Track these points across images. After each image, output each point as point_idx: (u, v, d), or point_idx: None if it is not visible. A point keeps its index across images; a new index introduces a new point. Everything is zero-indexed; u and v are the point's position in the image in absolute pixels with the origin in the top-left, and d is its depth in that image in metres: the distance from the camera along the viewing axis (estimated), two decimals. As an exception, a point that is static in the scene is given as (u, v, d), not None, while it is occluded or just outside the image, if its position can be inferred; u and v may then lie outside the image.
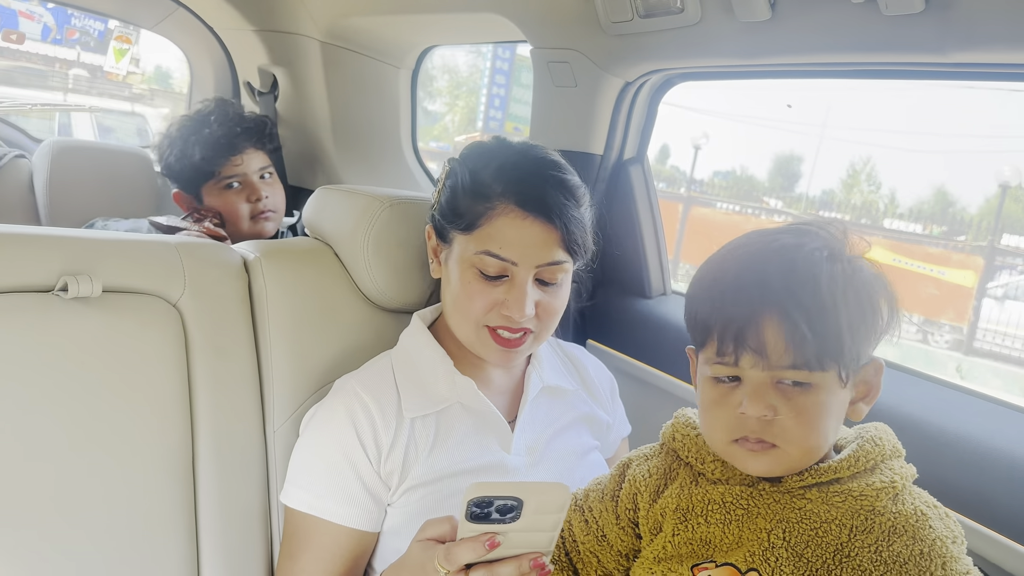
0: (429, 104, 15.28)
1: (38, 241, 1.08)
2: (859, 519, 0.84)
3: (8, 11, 8.16)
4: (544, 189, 1.06)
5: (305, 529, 1.08)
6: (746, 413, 0.83)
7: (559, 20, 1.55)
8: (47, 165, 1.99)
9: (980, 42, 1.03)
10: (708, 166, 18.30)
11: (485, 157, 1.11)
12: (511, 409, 1.18)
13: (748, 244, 0.87)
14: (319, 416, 1.12)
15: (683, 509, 0.90)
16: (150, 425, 1.11)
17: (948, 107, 15.27)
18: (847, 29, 1.15)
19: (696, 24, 1.31)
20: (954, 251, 10.99)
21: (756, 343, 0.81)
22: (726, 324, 0.82)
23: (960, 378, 8.38)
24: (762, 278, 0.82)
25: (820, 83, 2.68)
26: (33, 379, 1.03)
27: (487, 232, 1.06)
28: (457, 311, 1.11)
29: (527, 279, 1.06)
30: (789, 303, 0.80)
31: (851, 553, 0.82)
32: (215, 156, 1.83)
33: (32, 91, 9.16)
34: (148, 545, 1.09)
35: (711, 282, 0.86)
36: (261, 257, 1.26)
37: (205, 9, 2.32)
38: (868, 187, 15.57)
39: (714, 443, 0.89)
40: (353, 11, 2.01)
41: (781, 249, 0.84)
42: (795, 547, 0.83)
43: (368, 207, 1.26)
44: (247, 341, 1.22)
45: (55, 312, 1.06)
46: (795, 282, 0.80)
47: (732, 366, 0.83)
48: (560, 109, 1.64)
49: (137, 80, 10.33)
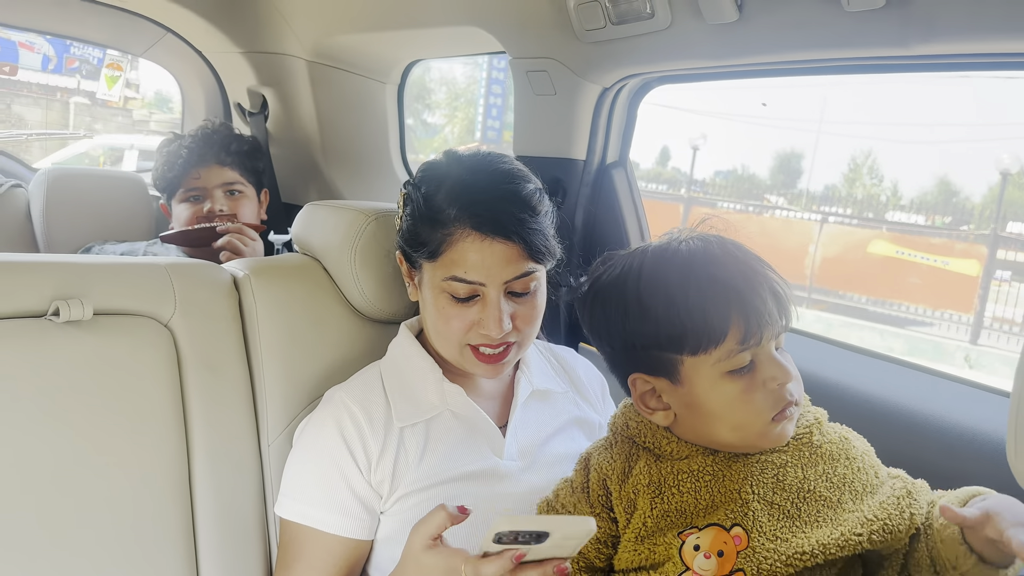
0: (428, 116, 15.33)
1: (30, 267, 1.11)
2: (804, 456, 0.94)
3: (8, 43, 8.25)
4: (498, 208, 1.05)
5: (299, 539, 1.10)
6: (781, 381, 0.91)
7: (535, 30, 1.57)
8: (43, 193, 2.01)
9: (940, 34, 1.05)
10: (709, 166, 18.29)
11: (437, 180, 1.10)
12: (502, 414, 1.20)
13: (675, 259, 0.95)
14: (309, 428, 1.14)
15: (655, 483, 0.95)
16: (145, 444, 1.12)
17: (945, 97, 15.27)
18: (812, 27, 1.17)
19: (667, 28, 1.33)
20: (957, 240, 10.96)
21: (772, 317, 0.90)
22: (744, 312, 0.89)
23: (968, 367, 8.35)
24: (750, 261, 0.94)
25: (815, 79, 2.69)
26: (28, 403, 1.05)
27: (450, 258, 1.06)
28: (437, 334, 1.13)
29: (498, 296, 1.07)
30: (774, 275, 0.93)
31: (810, 487, 0.92)
32: (178, 170, 1.92)
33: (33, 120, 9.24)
34: (147, 563, 1.10)
35: (703, 289, 0.91)
36: (251, 275, 1.28)
37: (193, 33, 2.35)
38: (870, 180, 15.55)
39: (754, 431, 0.93)
40: (337, 29, 2.04)
41: (723, 241, 0.97)
42: (765, 496, 0.91)
43: (354, 221, 1.29)
44: (239, 358, 1.24)
45: (48, 336, 1.08)
46: (754, 259, 0.95)
47: (755, 347, 0.90)
48: (541, 117, 1.66)
49: (137, 105, 10.41)
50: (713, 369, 0.91)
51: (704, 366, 0.91)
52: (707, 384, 0.92)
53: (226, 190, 1.94)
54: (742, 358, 0.90)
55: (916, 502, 0.92)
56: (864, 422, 1.03)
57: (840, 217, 11.99)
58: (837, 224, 11.73)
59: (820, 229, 11.38)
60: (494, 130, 14.05)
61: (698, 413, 0.94)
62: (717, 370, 0.91)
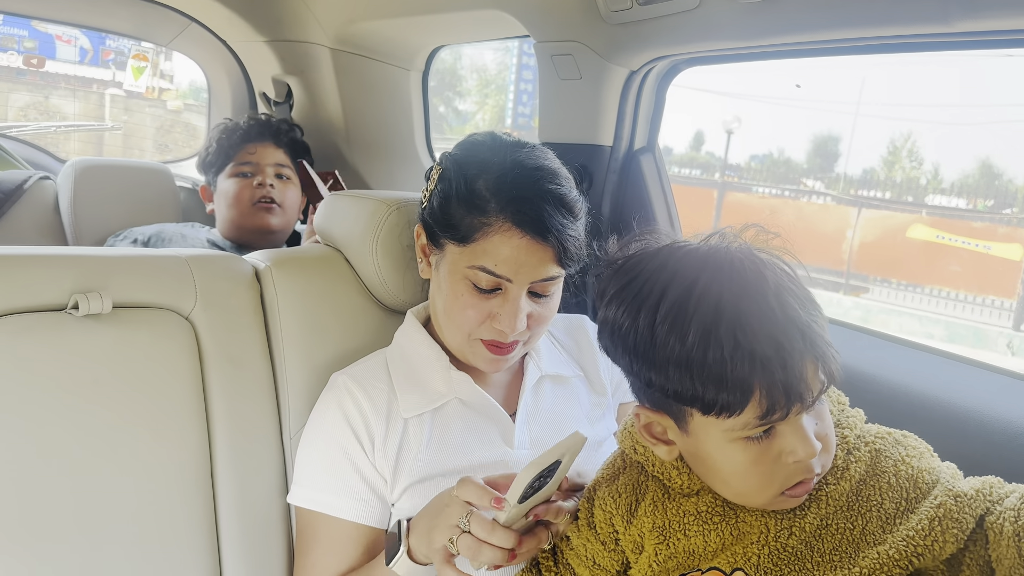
0: (459, 104, 15.33)
1: (48, 261, 1.10)
2: (822, 492, 0.83)
3: (46, 36, 8.39)
4: (542, 208, 1.02)
5: (313, 525, 1.09)
6: (801, 460, 0.78)
7: (560, 13, 1.54)
8: (71, 185, 2.02)
9: (982, 9, 0.99)
10: (744, 150, 18.07)
11: (480, 164, 1.07)
12: (510, 401, 1.17)
13: (700, 302, 0.77)
14: (314, 414, 1.14)
15: (660, 527, 0.88)
16: (167, 437, 1.12)
17: (989, 77, 14.89)
18: (847, 4, 1.12)
19: (696, 8, 1.29)
20: (1000, 224, 10.72)
21: (805, 391, 0.76)
22: (770, 386, 0.75)
23: (1011, 354, 8.16)
24: (787, 322, 0.76)
25: (853, 58, 2.63)
26: (50, 397, 1.05)
27: (482, 247, 1.04)
28: (449, 320, 1.10)
29: (520, 294, 1.05)
30: (819, 340, 0.77)
31: (829, 524, 0.81)
32: (233, 142, 1.97)
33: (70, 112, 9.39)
34: (170, 557, 1.10)
35: (725, 351, 0.75)
36: (272, 266, 1.27)
37: (217, 23, 2.35)
38: (910, 163, 15.26)
39: (757, 500, 0.82)
40: (359, 16, 2.02)
41: (762, 283, 0.77)
42: (778, 538, 0.82)
43: (376, 211, 1.27)
44: (261, 350, 1.23)
45: (68, 330, 1.08)
46: (808, 316, 0.77)
47: (781, 421, 0.77)
48: (567, 102, 1.63)
49: (172, 96, 10.52)
50: (724, 434, 0.79)
51: (714, 428, 0.80)
52: (715, 445, 0.81)
53: (276, 171, 1.98)
54: (759, 429, 0.78)
55: (959, 521, 0.78)
56: (898, 416, 0.98)
57: (879, 202, 11.78)
58: (875, 208, 11.53)
59: (858, 213, 11.19)
60: (524, 116, 13.99)
61: (703, 466, 0.85)
62: (728, 436, 0.79)
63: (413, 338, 1.17)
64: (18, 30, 7.74)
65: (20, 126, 2.97)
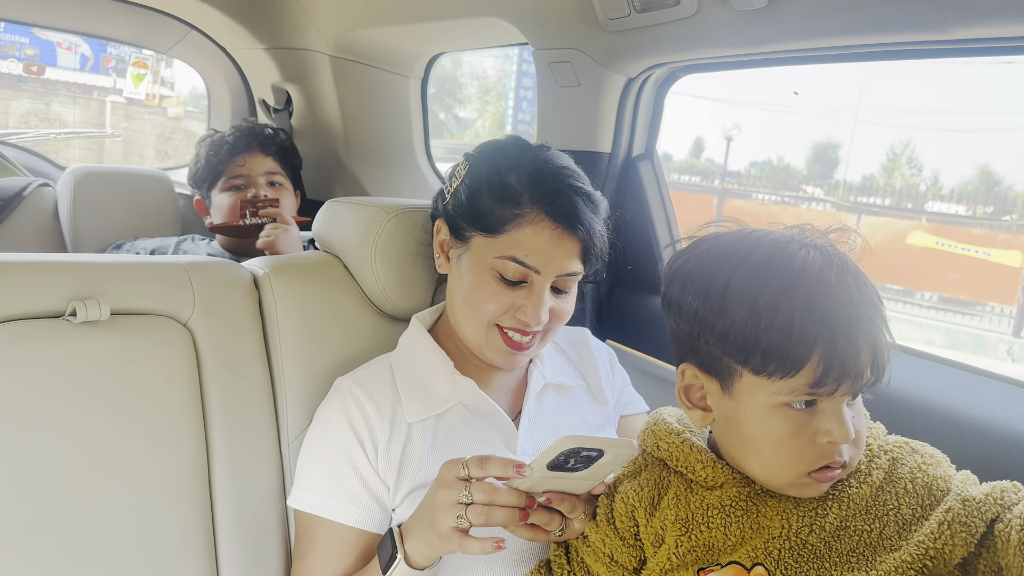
0: (460, 110, 15.35)
1: (46, 268, 1.10)
2: (844, 494, 0.85)
3: (47, 44, 8.41)
4: (575, 201, 1.06)
5: (311, 529, 1.09)
6: (835, 442, 0.81)
7: (558, 20, 1.54)
8: (70, 192, 2.03)
9: (978, 17, 1.00)
10: (744, 157, 18.09)
11: (508, 159, 1.10)
12: (514, 408, 1.18)
13: (785, 266, 0.81)
14: (317, 417, 1.14)
15: (683, 519, 0.89)
16: (165, 444, 1.12)
17: (986, 84, 14.92)
18: (845, 11, 1.13)
19: (693, 16, 1.29)
20: (1000, 231, 10.73)
21: (858, 373, 0.79)
22: (829, 355, 0.78)
23: (1011, 361, 8.15)
24: (863, 304, 0.80)
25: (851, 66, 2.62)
26: (48, 403, 1.05)
27: (513, 238, 1.06)
28: (469, 310, 1.11)
29: (546, 286, 1.07)
30: (882, 337, 0.81)
31: (848, 525, 0.83)
32: (221, 157, 1.95)
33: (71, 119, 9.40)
34: (167, 563, 1.10)
35: (796, 312, 0.78)
36: (270, 273, 1.27)
37: (216, 30, 2.36)
38: (909, 170, 15.27)
39: (782, 476, 0.84)
40: (359, 24, 2.03)
41: (844, 267, 0.82)
42: (799, 534, 0.84)
43: (375, 217, 1.27)
44: (259, 357, 1.23)
45: (66, 337, 1.07)
46: (878, 314, 0.81)
47: (828, 396, 0.80)
48: (565, 109, 1.63)
49: (172, 103, 10.53)
50: (770, 397, 0.82)
51: (762, 390, 0.82)
52: (757, 409, 0.83)
53: (268, 179, 1.97)
54: (804, 397, 0.81)
55: (967, 525, 0.80)
56: (899, 423, 0.98)
57: (879, 208, 11.79)
58: (875, 215, 11.54)
59: (858, 220, 11.20)
60: (524, 123, 14.01)
61: (736, 432, 0.87)
62: (773, 399, 0.81)
63: (418, 343, 1.18)
64: (19, 37, 7.76)
65: (21, 133, 2.98)
